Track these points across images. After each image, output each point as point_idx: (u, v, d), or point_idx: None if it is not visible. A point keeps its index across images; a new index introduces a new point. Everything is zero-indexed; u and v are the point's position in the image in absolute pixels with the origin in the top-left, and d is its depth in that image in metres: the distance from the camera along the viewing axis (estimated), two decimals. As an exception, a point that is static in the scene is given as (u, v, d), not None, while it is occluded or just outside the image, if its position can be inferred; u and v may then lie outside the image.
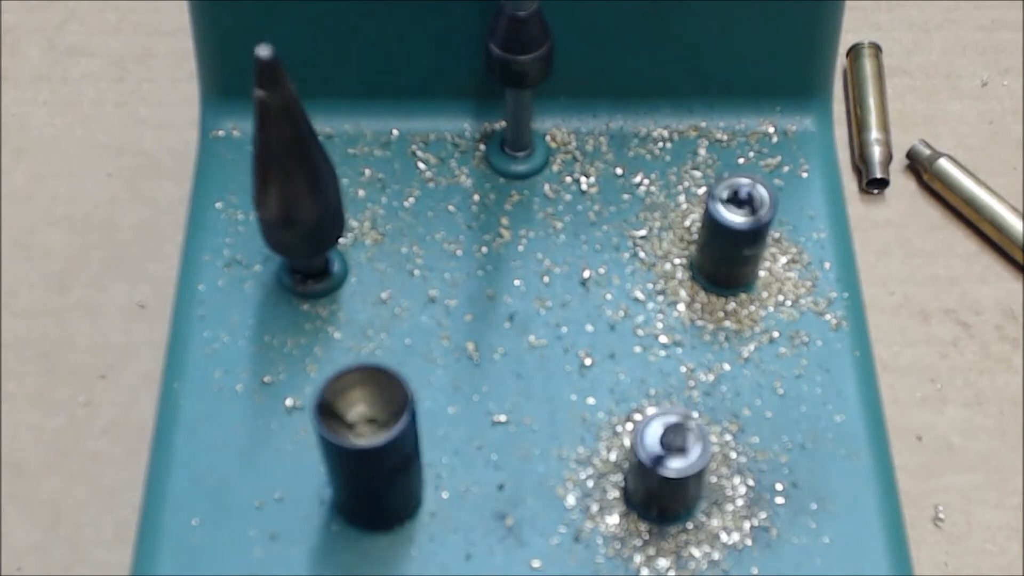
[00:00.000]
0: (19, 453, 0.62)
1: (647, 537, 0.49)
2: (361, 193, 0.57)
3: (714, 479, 0.50)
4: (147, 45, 0.75)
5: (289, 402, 0.52)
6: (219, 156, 0.58)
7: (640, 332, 0.54)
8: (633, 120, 0.59)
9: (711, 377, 0.53)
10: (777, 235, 0.56)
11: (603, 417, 0.52)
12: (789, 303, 0.55)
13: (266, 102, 0.45)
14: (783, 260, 0.56)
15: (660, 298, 0.55)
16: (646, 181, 0.58)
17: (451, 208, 0.57)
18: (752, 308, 0.54)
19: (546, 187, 0.58)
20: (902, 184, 0.71)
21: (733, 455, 0.51)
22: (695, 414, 0.52)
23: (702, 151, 0.59)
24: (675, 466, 0.47)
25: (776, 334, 0.54)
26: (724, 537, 0.49)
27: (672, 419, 0.47)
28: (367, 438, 0.45)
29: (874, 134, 0.70)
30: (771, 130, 0.60)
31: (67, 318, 0.65)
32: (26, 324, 0.65)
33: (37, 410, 0.63)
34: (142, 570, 0.49)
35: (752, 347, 0.53)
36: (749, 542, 0.49)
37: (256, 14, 0.56)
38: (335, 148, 0.58)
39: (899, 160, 0.71)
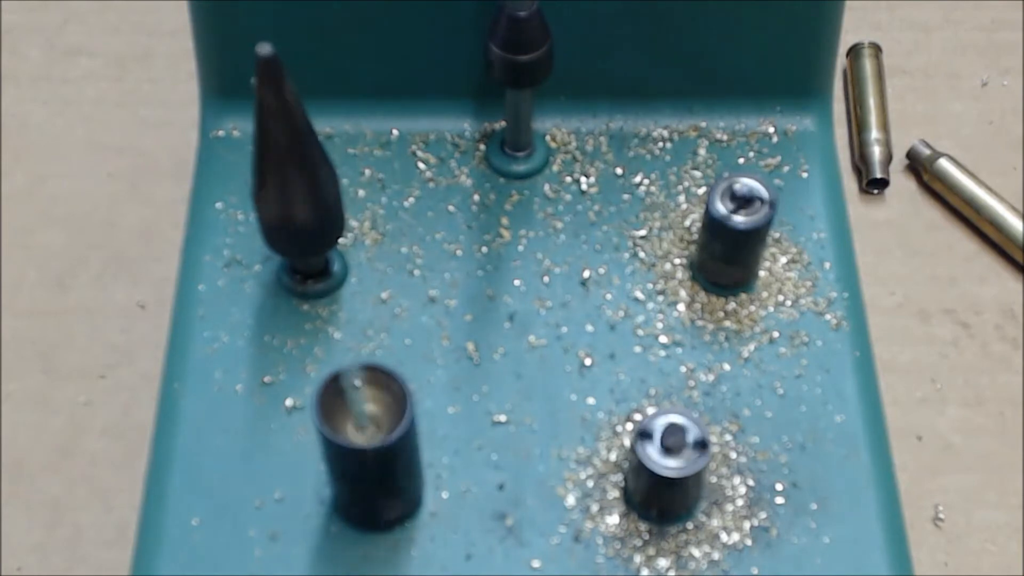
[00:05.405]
0: (19, 453, 0.62)
1: (647, 537, 0.49)
2: (361, 193, 0.57)
3: (714, 479, 0.50)
4: (147, 45, 0.75)
5: (289, 402, 0.52)
6: (219, 156, 0.58)
7: (640, 332, 0.54)
8: (633, 120, 0.59)
9: (711, 377, 0.53)
10: (777, 235, 0.56)
11: (603, 417, 0.52)
12: (789, 303, 0.55)
13: (263, 97, 0.45)
14: (783, 260, 0.56)
15: (660, 298, 0.55)
16: (646, 181, 0.58)
17: (451, 208, 0.57)
18: (752, 308, 0.54)
19: (546, 187, 0.58)
20: (902, 184, 0.71)
21: (733, 455, 0.51)
22: (695, 414, 0.52)
23: (702, 151, 0.59)
24: (674, 466, 0.47)
25: (776, 334, 0.54)
26: (724, 537, 0.49)
27: (672, 419, 0.47)
28: (367, 438, 0.45)
29: (874, 134, 0.70)
30: (771, 130, 0.60)
31: (67, 318, 0.65)
32: (26, 324, 0.65)
33: (37, 410, 0.63)
34: (142, 570, 0.49)
35: (752, 347, 0.53)
36: (749, 542, 0.49)
37: (256, 14, 0.56)
38: (335, 148, 0.58)
39: (899, 160, 0.71)
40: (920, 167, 0.70)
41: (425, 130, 0.59)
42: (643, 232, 0.56)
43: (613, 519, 0.50)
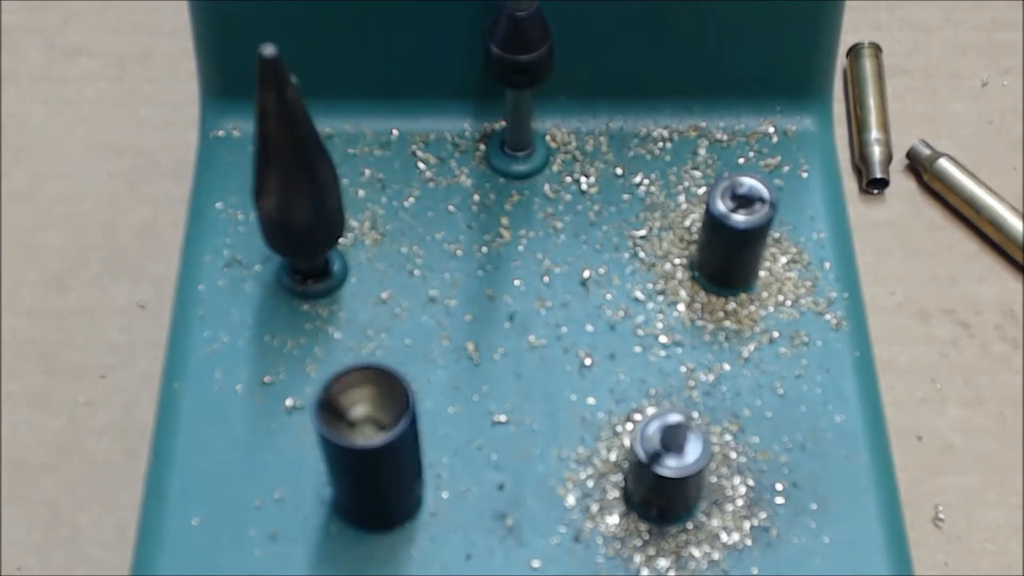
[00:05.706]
0: (19, 453, 0.62)
1: (647, 537, 0.49)
2: (361, 193, 0.57)
3: (714, 479, 0.50)
4: (147, 45, 0.75)
5: (289, 402, 0.52)
6: (219, 156, 0.58)
7: (640, 332, 0.54)
8: (633, 120, 0.59)
9: (711, 377, 0.53)
10: (777, 235, 0.56)
11: (603, 417, 0.52)
12: (789, 303, 0.55)
13: (265, 98, 0.45)
14: (783, 260, 0.56)
15: (660, 298, 0.55)
16: (646, 181, 0.58)
17: (451, 208, 0.57)
18: (752, 308, 0.54)
19: (546, 187, 0.58)
20: (902, 184, 0.71)
21: (733, 455, 0.51)
22: (695, 414, 0.52)
23: (702, 151, 0.59)
24: (675, 466, 0.47)
25: (776, 334, 0.54)
26: (724, 537, 0.49)
27: (672, 419, 0.47)
28: (368, 438, 0.45)
29: (874, 134, 0.70)
30: (771, 130, 0.60)
31: (67, 318, 0.65)
32: (26, 324, 0.65)
33: (37, 410, 0.63)
34: (142, 570, 0.49)
35: (752, 347, 0.53)
36: (749, 542, 0.49)
37: (256, 14, 0.56)
38: (335, 148, 0.58)
39: (899, 160, 0.71)
40: (920, 167, 0.70)
41: (425, 130, 0.59)
42: (643, 232, 0.56)
43: (613, 519, 0.50)
